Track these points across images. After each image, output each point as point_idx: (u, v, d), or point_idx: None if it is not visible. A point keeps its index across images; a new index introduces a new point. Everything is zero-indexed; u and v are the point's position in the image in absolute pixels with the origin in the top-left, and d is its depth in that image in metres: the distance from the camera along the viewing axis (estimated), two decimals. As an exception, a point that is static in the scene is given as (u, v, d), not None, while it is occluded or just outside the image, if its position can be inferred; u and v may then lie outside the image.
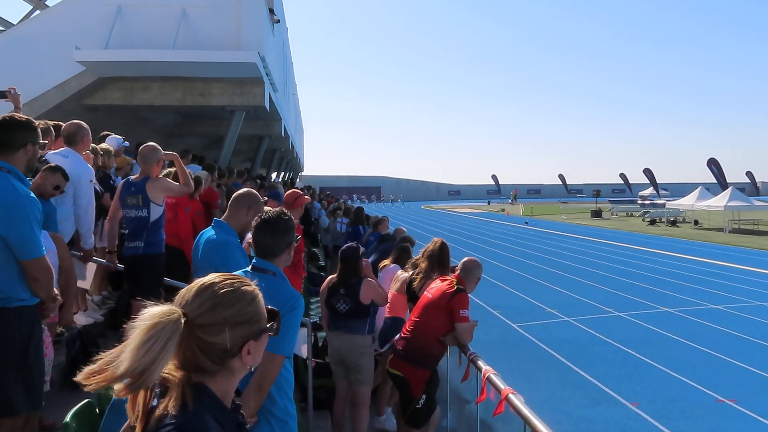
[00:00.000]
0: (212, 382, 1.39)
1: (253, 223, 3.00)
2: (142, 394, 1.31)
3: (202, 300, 1.38)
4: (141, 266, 5.19)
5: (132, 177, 5.39)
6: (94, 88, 11.85)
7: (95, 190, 5.79)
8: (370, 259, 6.16)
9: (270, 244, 2.90)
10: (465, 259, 5.12)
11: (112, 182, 6.66)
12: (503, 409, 3.68)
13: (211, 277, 1.44)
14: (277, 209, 3.04)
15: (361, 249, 5.57)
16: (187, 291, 1.41)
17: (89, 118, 8.08)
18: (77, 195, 5.13)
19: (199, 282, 1.43)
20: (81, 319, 5.88)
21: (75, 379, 1.30)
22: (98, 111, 12.45)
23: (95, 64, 11.11)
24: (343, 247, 5.43)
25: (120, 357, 1.26)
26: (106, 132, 7.52)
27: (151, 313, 1.30)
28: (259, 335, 1.44)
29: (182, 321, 1.32)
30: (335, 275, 5.34)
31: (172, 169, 5.92)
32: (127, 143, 7.78)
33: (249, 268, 2.92)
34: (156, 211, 5.22)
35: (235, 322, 1.39)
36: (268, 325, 1.47)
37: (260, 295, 1.46)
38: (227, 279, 1.44)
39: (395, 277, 6.25)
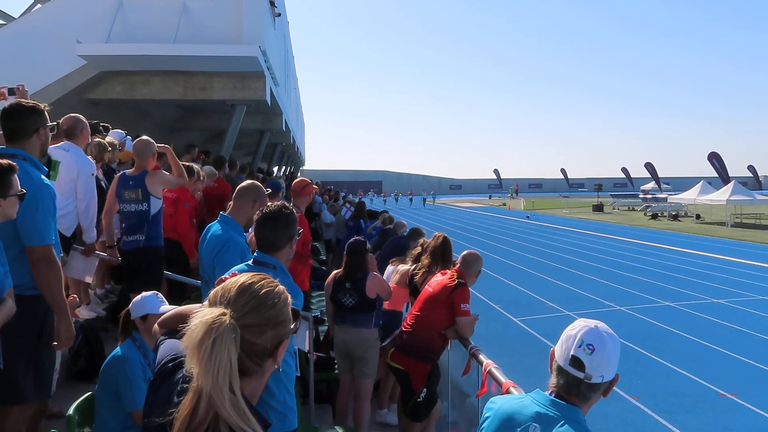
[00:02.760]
0: (246, 384, 1.37)
1: (255, 217, 3.00)
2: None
3: (245, 300, 1.36)
4: (142, 259, 5.19)
5: (128, 171, 5.38)
6: (96, 82, 11.84)
7: (100, 184, 5.79)
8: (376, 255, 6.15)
9: (272, 238, 2.90)
10: (465, 252, 5.09)
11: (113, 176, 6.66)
12: (504, 402, 3.68)
13: (247, 277, 1.42)
14: (278, 203, 3.03)
15: (368, 245, 5.57)
16: (225, 291, 1.38)
17: (91, 113, 8.08)
18: (79, 189, 5.11)
19: (236, 282, 1.40)
20: (83, 313, 5.88)
21: None
22: (99, 105, 12.43)
23: (96, 58, 11.09)
24: (350, 241, 5.42)
25: (196, 386, 1.24)
26: (104, 124, 7.48)
27: (203, 319, 1.27)
28: (289, 335, 1.45)
29: (234, 323, 1.29)
30: (341, 269, 5.33)
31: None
32: (129, 138, 7.78)
33: (251, 261, 2.92)
34: (156, 205, 5.22)
35: (276, 322, 1.39)
36: (292, 325, 1.47)
37: (290, 296, 1.47)
38: (262, 279, 1.43)
39: (396, 269, 6.23)
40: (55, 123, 4.94)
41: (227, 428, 1.24)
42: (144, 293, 3.48)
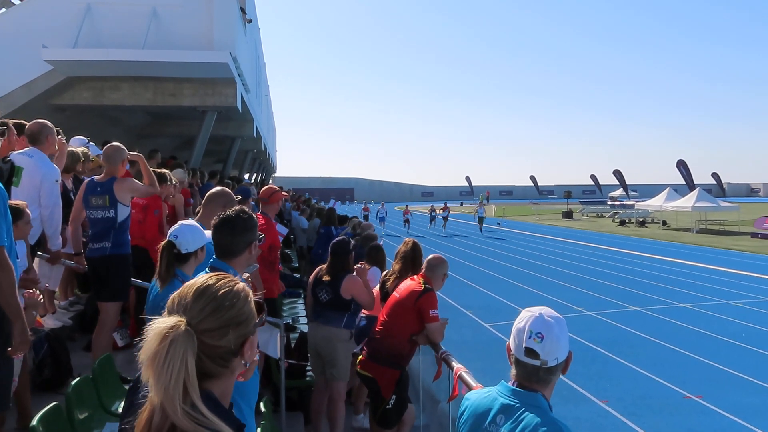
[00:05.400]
0: (215, 385, 1.36)
1: (212, 222, 2.90)
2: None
3: (202, 304, 1.33)
4: (108, 267, 5.10)
5: (96, 177, 5.29)
6: (62, 87, 11.64)
7: (69, 196, 5.69)
8: None
9: (228, 243, 2.81)
10: (430, 256, 5.05)
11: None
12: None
13: (204, 280, 1.39)
14: (237, 207, 2.98)
15: (352, 243, 5.56)
16: (182, 296, 1.36)
17: (57, 119, 7.95)
18: (43, 195, 5.03)
19: (193, 286, 1.38)
20: (49, 322, 5.77)
21: None
22: (66, 111, 12.23)
23: (63, 63, 10.91)
24: (334, 241, 5.45)
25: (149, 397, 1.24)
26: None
27: (157, 330, 1.25)
28: (255, 330, 1.43)
29: (191, 330, 1.27)
30: (325, 265, 5.35)
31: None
32: (93, 144, 7.67)
33: (207, 269, 2.88)
34: (123, 212, 5.13)
35: (237, 322, 1.36)
36: (257, 319, 1.45)
37: (251, 292, 1.45)
38: (220, 279, 1.40)
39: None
40: (4, 127, 4.86)
41: None
42: (183, 222, 3.34)
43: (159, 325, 1.27)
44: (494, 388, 2.18)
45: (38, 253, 5.21)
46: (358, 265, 5.35)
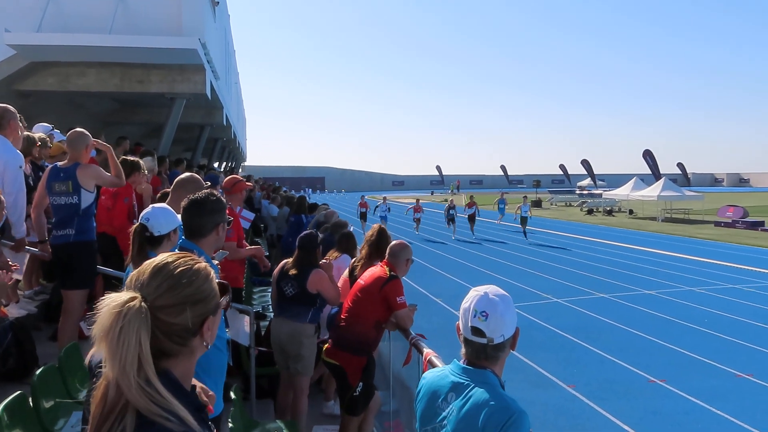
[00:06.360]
0: (174, 365, 1.36)
1: (182, 203, 2.96)
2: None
3: (159, 281, 1.34)
4: (72, 255, 5.01)
5: (60, 163, 5.20)
6: (26, 73, 11.38)
7: (27, 181, 5.58)
8: None
9: (197, 224, 2.91)
10: (392, 243, 5.03)
11: (41, 174, 6.42)
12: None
13: (163, 257, 1.40)
14: (207, 190, 3.02)
15: (320, 236, 5.52)
16: (140, 274, 1.36)
17: (21, 105, 7.75)
18: (6, 181, 4.93)
19: (151, 263, 1.38)
20: (13, 311, 5.68)
21: None
22: (30, 97, 11.96)
23: (27, 47, 10.66)
24: (301, 235, 5.38)
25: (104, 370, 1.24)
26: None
27: (110, 305, 1.25)
28: (216, 311, 1.43)
29: (145, 306, 1.28)
30: (290, 259, 5.30)
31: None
32: (57, 131, 7.52)
33: (176, 249, 2.90)
34: (87, 198, 5.04)
35: (194, 300, 1.36)
36: (221, 300, 1.46)
37: (213, 272, 1.45)
38: (180, 258, 1.41)
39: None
40: None
41: (134, 413, 1.23)
42: (154, 205, 3.30)
43: (113, 299, 1.27)
44: (447, 367, 2.24)
45: (1, 240, 5.11)
46: (324, 261, 5.33)
